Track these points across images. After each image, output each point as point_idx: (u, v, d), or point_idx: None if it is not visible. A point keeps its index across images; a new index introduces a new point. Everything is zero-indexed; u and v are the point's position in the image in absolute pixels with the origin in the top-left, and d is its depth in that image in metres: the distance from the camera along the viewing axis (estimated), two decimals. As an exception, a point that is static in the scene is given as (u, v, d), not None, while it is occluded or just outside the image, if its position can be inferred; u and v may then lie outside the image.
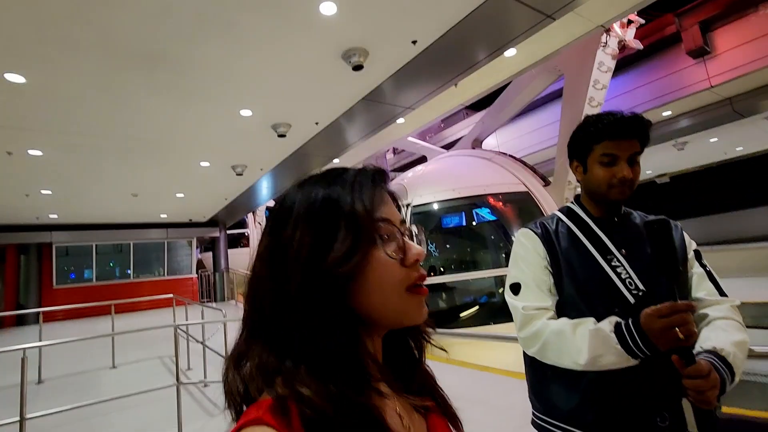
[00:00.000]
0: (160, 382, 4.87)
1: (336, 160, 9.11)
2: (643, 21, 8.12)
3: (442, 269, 8.19)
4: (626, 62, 10.21)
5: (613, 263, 1.08)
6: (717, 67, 8.63)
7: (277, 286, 0.48)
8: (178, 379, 3.80)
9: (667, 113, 9.98)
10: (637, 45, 7.99)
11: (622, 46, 7.68)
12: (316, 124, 6.71)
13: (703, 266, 1.12)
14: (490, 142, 12.68)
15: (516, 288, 1.13)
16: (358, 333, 0.48)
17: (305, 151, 7.97)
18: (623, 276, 1.06)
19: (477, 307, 8.11)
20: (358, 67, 4.68)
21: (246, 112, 5.91)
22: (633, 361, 0.94)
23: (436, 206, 8.34)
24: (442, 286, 7.98)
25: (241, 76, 4.91)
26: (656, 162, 14.57)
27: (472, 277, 7.95)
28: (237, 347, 0.50)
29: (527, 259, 1.15)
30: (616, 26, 7.33)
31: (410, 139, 10.67)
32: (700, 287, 1.09)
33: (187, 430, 3.69)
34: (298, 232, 0.48)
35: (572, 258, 1.12)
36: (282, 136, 6.69)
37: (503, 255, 8.13)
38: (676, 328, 0.86)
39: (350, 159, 9.69)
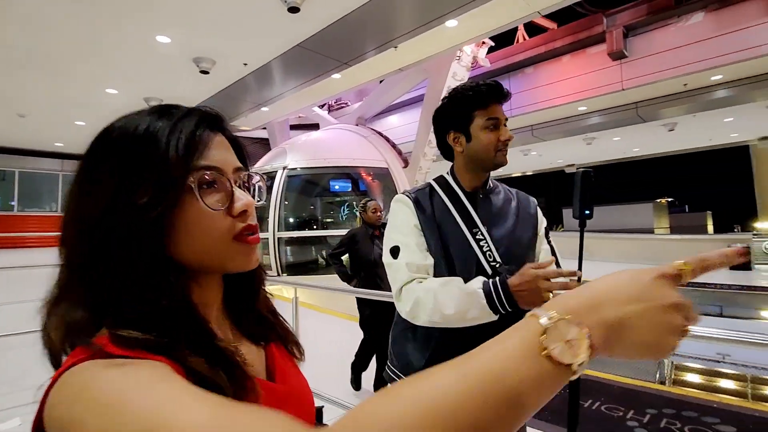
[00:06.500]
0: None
1: (265, 108, 8.64)
2: (493, 44, 9.59)
3: (315, 225, 9.83)
4: (554, 54, 10.79)
5: (477, 236, 1.16)
6: (630, 72, 9.49)
7: (81, 227, 0.44)
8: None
9: (582, 108, 10.84)
10: (485, 63, 9.65)
11: (475, 61, 9.07)
12: (245, 65, 6.25)
13: (549, 242, 1.26)
14: (392, 122, 13.98)
15: (395, 251, 1.16)
16: (171, 281, 0.45)
17: (231, 93, 7.43)
18: (485, 249, 1.15)
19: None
20: (294, 9, 4.39)
21: (163, 39, 5.30)
22: (494, 316, 1.03)
23: (307, 171, 9.75)
24: (308, 239, 9.67)
25: (159, -5, 4.36)
26: (567, 153, 15.90)
27: (329, 235, 9.57)
28: (49, 301, 0.45)
29: (406, 222, 1.19)
30: (466, 48, 8.48)
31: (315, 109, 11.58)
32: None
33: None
34: (107, 167, 0.44)
35: (442, 227, 1.19)
36: (205, 72, 6.15)
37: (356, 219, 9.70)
38: (550, 293, 0.95)
39: (281, 109, 9.26)
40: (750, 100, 9.49)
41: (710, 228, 25.02)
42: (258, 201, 0.54)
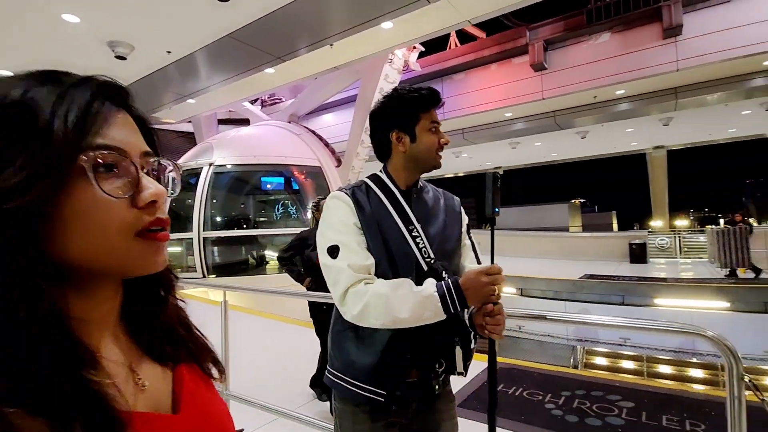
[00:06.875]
0: None
1: (191, 101, 8.12)
2: (423, 49, 9.91)
3: (244, 224, 9.43)
4: (483, 62, 11.38)
5: (413, 234, 1.19)
6: (549, 83, 10.29)
7: None
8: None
9: (508, 114, 11.56)
10: (416, 67, 10.02)
11: (406, 65, 9.34)
12: (169, 53, 5.82)
13: (470, 238, 1.35)
14: (326, 120, 13.80)
15: (334, 250, 1.12)
16: (41, 287, 0.35)
17: (153, 82, 6.88)
18: (420, 246, 1.18)
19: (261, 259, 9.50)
20: (224, -2, 4.18)
21: (71, 18, 4.76)
22: (444, 316, 1.06)
23: (236, 168, 9.43)
24: (238, 238, 9.31)
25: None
26: (495, 156, 16.86)
27: (259, 234, 9.47)
28: None
29: (345, 220, 1.16)
30: (398, 52, 8.67)
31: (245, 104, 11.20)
32: (468, 256, 1.31)
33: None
34: None
35: (381, 224, 1.18)
36: (121, 58, 5.63)
37: (290, 218, 9.69)
38: (495, 286, 1.05)
39: (209, 102, 8.76)
40: (647, 113, 10.77)
41: (615, 226, 28.01)
42: (171, 193, 0.46)
